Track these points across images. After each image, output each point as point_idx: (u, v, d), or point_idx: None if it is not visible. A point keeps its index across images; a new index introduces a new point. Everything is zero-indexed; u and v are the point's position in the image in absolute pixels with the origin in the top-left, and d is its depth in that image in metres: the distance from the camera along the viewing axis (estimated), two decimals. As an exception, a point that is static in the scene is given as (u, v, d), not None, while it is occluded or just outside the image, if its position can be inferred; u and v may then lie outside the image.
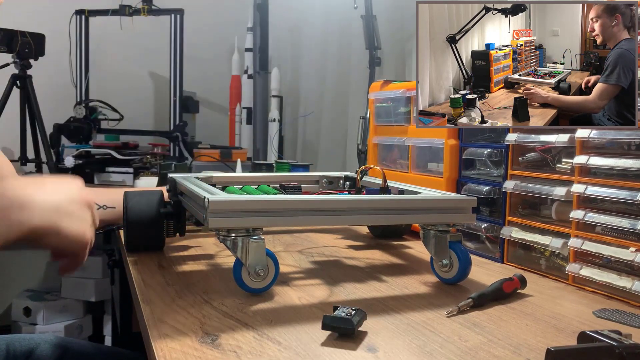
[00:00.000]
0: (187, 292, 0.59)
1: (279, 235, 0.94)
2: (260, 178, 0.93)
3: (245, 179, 0.89)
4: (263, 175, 0.98)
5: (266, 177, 0.95)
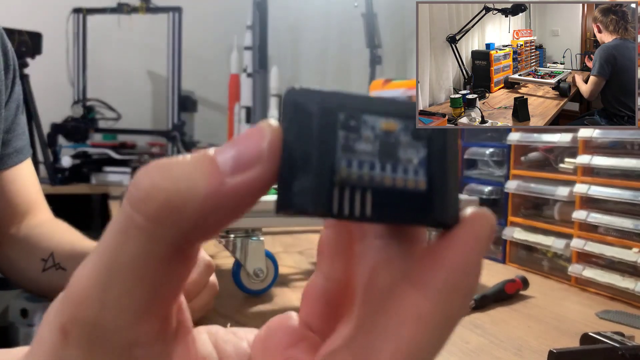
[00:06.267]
0: (186, 293, 0.59)
1: (279, 236, 0.94)
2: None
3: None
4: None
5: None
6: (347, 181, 0.14)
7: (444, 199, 0.14)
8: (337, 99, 0.14)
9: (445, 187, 0.14)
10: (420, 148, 0.15)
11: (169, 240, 0.13)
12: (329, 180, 0.14)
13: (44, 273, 0.54)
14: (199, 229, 0.13)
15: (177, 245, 0.13)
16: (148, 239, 0.13)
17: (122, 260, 0.13)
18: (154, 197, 0.13)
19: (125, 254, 0.13)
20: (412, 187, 0.14)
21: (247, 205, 0.14)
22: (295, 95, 0.14)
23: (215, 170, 0.13)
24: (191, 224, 0.13)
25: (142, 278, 0.13)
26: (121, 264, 0.13)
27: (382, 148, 0.14)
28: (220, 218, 0.13)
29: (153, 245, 0.13)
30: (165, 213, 0.13)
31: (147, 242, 0.13)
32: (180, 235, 0.13)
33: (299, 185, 0.14)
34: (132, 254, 0.13)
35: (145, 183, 0.13)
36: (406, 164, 0.14)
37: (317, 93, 0.14)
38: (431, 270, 0.14)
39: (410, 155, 0.14)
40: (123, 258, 0.13)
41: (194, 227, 0.13)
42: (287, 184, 0.14)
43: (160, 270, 0.13)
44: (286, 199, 0.14)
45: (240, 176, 0.13)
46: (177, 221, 0.13)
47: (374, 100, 0.15)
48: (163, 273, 0.13)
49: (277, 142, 0.14)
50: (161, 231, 0.13)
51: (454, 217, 0.14)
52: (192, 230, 0.13)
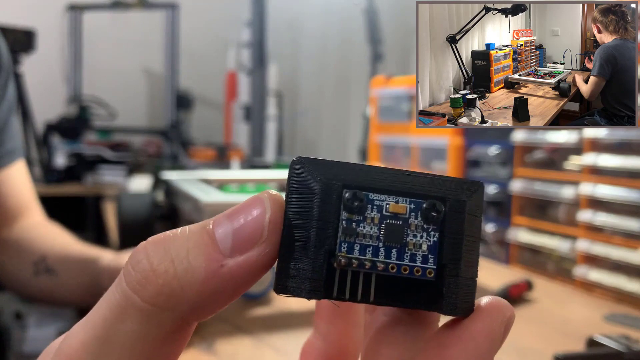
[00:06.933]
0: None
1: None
2: (257, 177, 0.92)
3: (242, 178, 0.88)
4: (260, 174, 0.97)
5: (264, 176, 0.94)
6: (348, 266, 0.13)
7: (455, 289, 0.13)
8: (344, 174, 0.13)
9: (458, 276, 0.13)
10: (432, 232, 0.13)
11: (166, 322, 0.13)
12: (326, 265, 0.13)
13: (35, 277, 0.53)
14: (197, 311, 0.13)
15: (175, 325, 0.13)
16: (145, 319, 0.13)
17: (118, 338, 0.13)
18: (152, 282, 0.12)
19: (122, 332, 0.13)
20: (419, 276, 0.13)
21: (247, 285, 0.13)
22: (299, 168, 0.14)
23: (214, 249, 0.13)
24: (189, 306, 0.13)
25: (137, 356, 0.13)
26: (117, 341, 0.13)
27: (388, 232, 0.13)
28: (219, 299, 0.13)
29: (150, 326, 0.13)
30: (162, 298, 0.12)
31: (145, 323, 0.13)
32: (178, 317, 0.13)
33: (296, 268, 0.13)
34: (128, 333, 0.13)
35: (143, 265, 0.13)
36: (414, 250, 0.13)
37: (324, 165, 0.13)
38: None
39: (419, 241, 0.13)
40: (119, 336, 0.13)
41: (191, 309, 0.13)
42: (284, 265, 0.13)
43: (156, 348, 0.13)
44: (282, 282, 0.13)
45: (241, 257, 0.13)
46: (174, 305, 0.13)
47: (386, 175, 0.14)
48: (158, 350, 0.13)
49: (279, 219, 0.13)
50: (159, 314, 0.13)
51: (467, 307, 0.13)
52: (190, 312, 0.13)
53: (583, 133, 0.65)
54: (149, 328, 0.13)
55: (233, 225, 0.13)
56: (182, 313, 0.13)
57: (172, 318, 0.13)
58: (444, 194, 0.14)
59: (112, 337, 0.13)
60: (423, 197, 0.13)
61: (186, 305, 0.13)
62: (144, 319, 0.13)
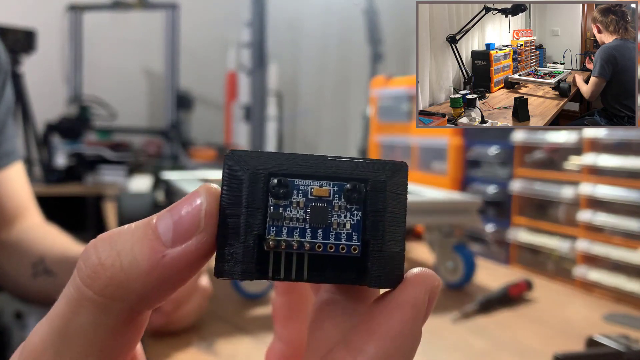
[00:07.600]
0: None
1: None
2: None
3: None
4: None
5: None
6: (277, 248, 0.14)
7: (381, 262, 0.14)
8: (270, 163, 0.14)
9: (382, 251, 0.14)
10: (355, 212, 0.14)
11: (117, 312, 0.14)
12: (257, 249, 0.14)
13: (34, 278, 0.53)
14: (145, 300, 0.14)
15: (126, 315, 0.14)
16: (98, 310, 0.13)
17: (75, 330, 0.14)
18: (101, 275, 0.13)
19: (78, 324, 0.14)
20: (344, 253, 0.14)
21: (190, 273, 0.14)
22: (231, 160, 0.14)
23: (156, 242, 0.14)
24: (137, 296, 0.14)
25: (93, 345, 0.14)
26: (73, 332, 0.14)
27: (314, 214, 0.14)
28: (164, 287, 0.14)
29: (103, 317, 0.14)
30: (111, 289, 0.13)
31: (98, 314, 0.13)
32: (128, 307, 0.14)
33: (230, 253, 0.14)
34: (83, 324, 0.14)
35: (92, 260, 0.14)
36: (339, 229, 0.14)
37: (253, 157, 0.14)
38: (366, 336, 0.13)
39: (343, 220, 0.14)
40: (75, 327, 0.14)
41: (139, 299, 0.14)
42: (221, 251, 0.14)
43: (110, 338, 0.14)
44: (219, 266, 0.14)
45: (181, 247, 0.14)
46: (123, 295, 0.13)
47: (312, 161, 0.14)
48: (113, 340, 0.14)
49: (214, 210, 0.14)
50: (110, 304, 0.13)
51: (396, 278, 0.14)
52: (139, 301, 0.14)
53: (583, 133, 0.65)
54: (102, 318, 0.13)
55: (173, 218, 0.14)
56: (131, 302, 0.13)
57: (122, 308, 0.13)
58: (365, 175, 0.14)
59: (69, 330, 0.13)
60: (345, 180, 0.14)
61: (134, 295, 0.13)
62: (97, 310, 0.13)
